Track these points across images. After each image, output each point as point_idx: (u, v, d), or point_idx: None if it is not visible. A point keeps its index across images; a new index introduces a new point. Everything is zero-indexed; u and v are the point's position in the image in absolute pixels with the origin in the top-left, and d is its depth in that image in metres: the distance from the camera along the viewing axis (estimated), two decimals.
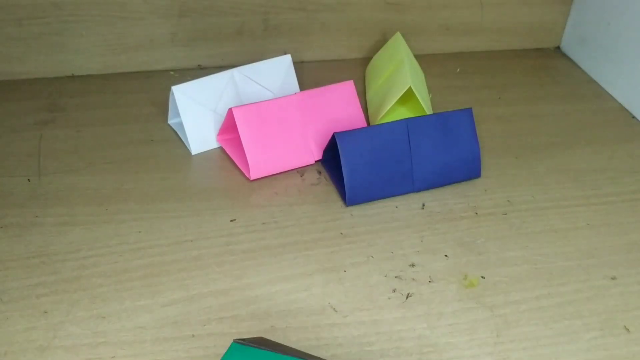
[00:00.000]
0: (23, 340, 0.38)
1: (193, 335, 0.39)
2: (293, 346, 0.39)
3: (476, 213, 0.50)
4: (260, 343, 0.35)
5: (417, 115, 0.55)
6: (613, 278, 0.45)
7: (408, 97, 0.58)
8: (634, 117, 0.64)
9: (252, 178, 0.52)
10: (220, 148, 0.57)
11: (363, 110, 0.57)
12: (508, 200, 0.51)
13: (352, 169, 0.49)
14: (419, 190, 0.51)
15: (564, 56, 0.75)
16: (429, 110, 0.57)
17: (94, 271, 0.43)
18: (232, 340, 0.39)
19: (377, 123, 0.56)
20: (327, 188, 0.52)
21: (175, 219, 0.48)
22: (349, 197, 0.50)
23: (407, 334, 0.40)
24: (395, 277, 0.44)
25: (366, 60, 0.70)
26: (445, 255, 0.46)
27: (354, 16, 0.69)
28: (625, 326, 0.41)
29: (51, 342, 0.38)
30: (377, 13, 0.69)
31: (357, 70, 0.69)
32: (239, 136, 0.51)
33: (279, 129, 0.53)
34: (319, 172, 0.54)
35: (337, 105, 0.56)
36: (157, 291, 0.42)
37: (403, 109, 0.60)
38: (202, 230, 0.47)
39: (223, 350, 0.38)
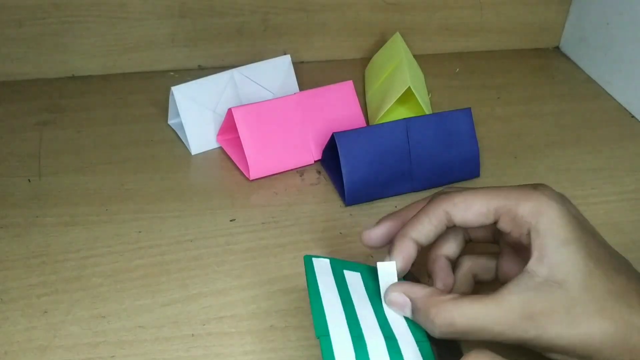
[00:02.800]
0: (23, 340, 0.39)
1: (193, 335, 0.39)
2: (292, 345, 0.39)
3: None
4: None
5: (416, 115, 0.55)
6: None
7: (407, 97, 0.58)
8: (633, 116, 0.64)
9: (251, 178, 0.52)
10: (220, 148, 0.57)
11: (362, 110, 0.57)
12: None
13: (351, 169, 0.49)
14: (418, 189, 0.52)
15: (563, 56, 0.75)
16: (428, 110, 0.57)
17: (94, 271, 0.44)
18: (231, 340, 0.39)
19: (376, 123, 0.56)
20: (327, 188, 0.53)
21: (175, 218, 0.48)
22: (349, 196, 0.50)
23: None
24: None
25: (366, 60, 0.70)
26: None
27: (353, 16, 0.69)
28: None
29: (51, 341, 0.39)
30: (376, 13, 0.70)
31: (357, 70, 0.69)
32: (239, 136, 0.52)
33: (278, 129, 0.53)
34: (319, 172, 0.54)
35: (336, 105, 0.56)
36: (157, 291, 0.42)
37: (402, 108, 0.60)
38: (202, 230, 0.47)
39: (223, 350, 0.39)
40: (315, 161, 0.55)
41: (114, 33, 0.65)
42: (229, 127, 0.54)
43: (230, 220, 0.49)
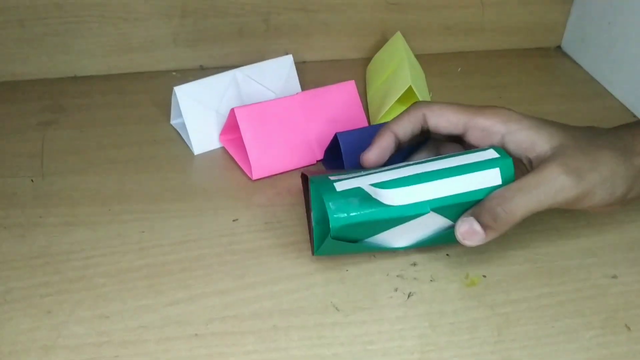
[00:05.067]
0: (27, 340, 0.39)
1: (196, 335, 0.39)
2: (294, 345, 0.39)
3: None
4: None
5: None
6: (614, 277, 0.45)
7: (408, 96, 0.58)
8: (635, 116, 0.64)
9: (254, 178, 0.52)
10: (223, 148, 0.57)
11: (364, 110, 0.57)
12: None
13: (354, 168, 0.49)
14: None
15: (565, 55, 0.75)
16: None
17: (97, 271, 0.44)
18: (234, 340, 0.39)
19: (377, 122, 0.56)
20: None
21: (178, 218, 0.49)
22: None
23: (409, 333, 0.40)
24: (397, 276, 0.44)
25: (367, 60, 0.70)
26: (447, 255, 0.46)
27: (355, 16, 0.69)
28: (626, 325, 0.41)
29: (55, 341, 0.39)
30: (378, 13, 0.70)
31: (359, 70, 0.69)
32: (241, 136, 0.52)
33: (280, 129, 0.53)
34: None
35: (338, 105, 0.56)
36: (160, 291, 0.42)
37: (403, 108, 0.60)
38: (205, 230, 0.48)
39: (226, 350, 0.39)
40: (317, 161, 0.55)
41: (116, 33, 0.65)
42: (231, 127, 0.54)
43: (233, 220, 0.49)
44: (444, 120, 0.43)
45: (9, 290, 0.42)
